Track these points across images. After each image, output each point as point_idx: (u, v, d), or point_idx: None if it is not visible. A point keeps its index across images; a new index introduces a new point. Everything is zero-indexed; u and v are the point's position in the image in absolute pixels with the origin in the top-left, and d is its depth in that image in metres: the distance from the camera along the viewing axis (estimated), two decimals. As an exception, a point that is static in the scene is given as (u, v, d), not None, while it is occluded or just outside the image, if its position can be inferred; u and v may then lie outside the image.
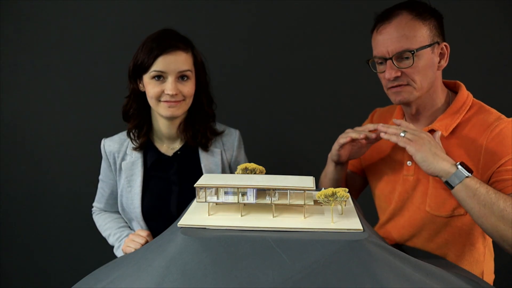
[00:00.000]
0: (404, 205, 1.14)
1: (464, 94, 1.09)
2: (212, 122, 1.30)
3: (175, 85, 1.15)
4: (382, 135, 1.03)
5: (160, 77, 1.15)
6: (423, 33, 1.02)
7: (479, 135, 1.02)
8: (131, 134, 1.25)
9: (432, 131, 1.08)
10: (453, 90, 1.14)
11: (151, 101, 1.18)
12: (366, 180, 1.33)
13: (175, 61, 1.14)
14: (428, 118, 1.11)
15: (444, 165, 0.94)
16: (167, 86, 1.14)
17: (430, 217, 1.08)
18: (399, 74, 1.03)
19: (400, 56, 1.03)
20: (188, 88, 1.18)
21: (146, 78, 1.16)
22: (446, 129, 1.05)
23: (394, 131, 1.01)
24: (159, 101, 1.17)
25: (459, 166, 0.94)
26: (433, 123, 1.09)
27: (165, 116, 1.18)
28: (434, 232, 1.10)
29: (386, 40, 1.04)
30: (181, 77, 1.17)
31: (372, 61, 1.10)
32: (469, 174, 0.93)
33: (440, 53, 1.06)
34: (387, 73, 1.04)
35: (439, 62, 1.06)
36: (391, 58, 1.03)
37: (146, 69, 1.15)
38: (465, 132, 1.04)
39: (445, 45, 1.06)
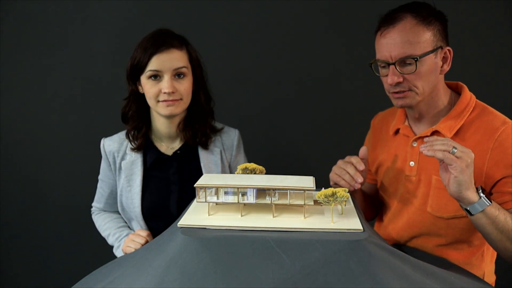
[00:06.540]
0: (405, 206, 1.14)
1: (467, 95, 1.09)
2: (211, 119, 1.29)
3: (171, 83, 1.15)
4: (425, 152, 0.94)
5: (156, 76, 1.15)
6: (426, 38, 1.02)
7: (485, 139, 1.01)
8: (129, 135, 1.25)
9: (436, 132, 1.08)
10: (455, 91, 1.14)
11: (150, 102, 1.18)
12: None
13: (170, 59, 1.15)
14: (430, 119, 1.11)
15: (471, 194, 0.91)
16: (163, 85, 1.15)
17: (431, 218, 1.08)
18: (401, 79, 1.03)
19: (403, 61, 1.02)
20: (185, 86, 1.18)
21: (143, 78, 1.17)
22: (450, 131, 1.05)
23: (442, 147, 0.91)
24: (158, 101, 1.17)
25: (482, 194, 0.92)
26: (436, 124, 1.09)
27: (164, 114, 1.18)
28: (434, 233, 1.09)
29: (389, 44, 1.03)
30: (177, 74, 1.17)
31: (374, 63, 1.10)
32: (490, 203, 0.92)
33: (443, 57, 1.06)
34: (389, 78, 1.04)
35: (441, 66, 1.06)
36: (394, 63, 1.03)
37: (142, 69, 1.15)
38: (469, 134, 1.04)
39: (448, 50, 1.06)
